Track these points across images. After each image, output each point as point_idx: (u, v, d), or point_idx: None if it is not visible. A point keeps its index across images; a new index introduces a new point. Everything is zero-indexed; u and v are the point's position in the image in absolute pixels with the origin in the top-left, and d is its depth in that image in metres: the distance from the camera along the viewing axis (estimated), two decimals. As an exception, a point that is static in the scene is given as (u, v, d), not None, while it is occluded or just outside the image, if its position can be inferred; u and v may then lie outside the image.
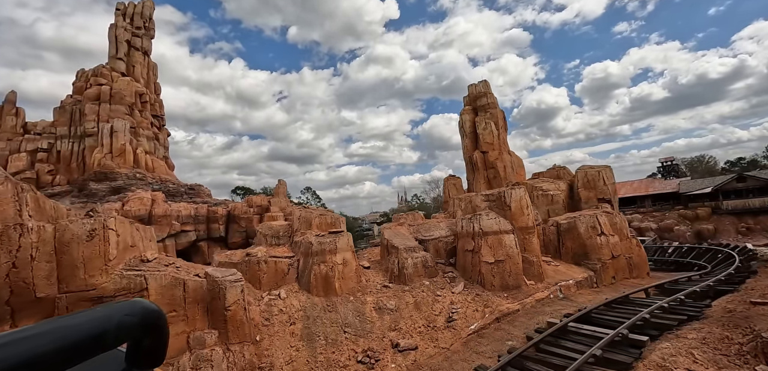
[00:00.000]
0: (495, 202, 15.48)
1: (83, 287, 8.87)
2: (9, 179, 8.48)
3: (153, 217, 28.40)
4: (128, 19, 40.51)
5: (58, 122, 35.04)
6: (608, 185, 19.84)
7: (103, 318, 0.53)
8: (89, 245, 9.01)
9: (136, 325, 0.57)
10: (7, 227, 8.10)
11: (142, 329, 0.58)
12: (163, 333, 0.62)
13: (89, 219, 9.34)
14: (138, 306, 0.62)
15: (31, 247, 8.38)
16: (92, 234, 9.08)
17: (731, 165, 64.88)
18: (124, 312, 0.57)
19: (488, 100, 23.68)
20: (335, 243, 13.07)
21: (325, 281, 12.67)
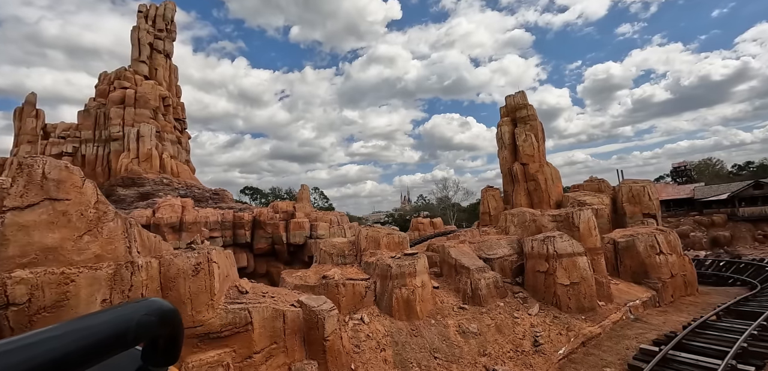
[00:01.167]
0: (563, 222, 15.12)
1: (190, 323, 8.30)
2: (118, 215, 7.90)
3: (184, 224, 27.72)
4: (150, 22, 39.55)
5: (82, 125, 34.09)
6: (653, 200, 19.61)
7: (125, 317, 0.54)
8: (195, 280, 8.43)
9: (155, 324, 0.57)
10: (119, 266, 7.51)
11: (159, 328, 0.58)
12: (179, 331, 0.62)
13: (193, 253, 8.77)
14: (155, 305, 0.61)
15: (142, 285, 7.79)
16: (198, 268, 8.50)
17: (739, 169, 65.24)
18: (142, 311, 0.57)
19: (528, 112, 23.30)
20: (414, 266, 12.60)
21: (407, 304, 12.20)
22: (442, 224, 48.12)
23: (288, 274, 13.71)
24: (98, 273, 7.21)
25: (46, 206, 6.91)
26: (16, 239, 6.56)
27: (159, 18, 40.19)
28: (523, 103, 23.71)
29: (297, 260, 33.30)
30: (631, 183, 20.22)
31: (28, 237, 6.65)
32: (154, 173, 31.99)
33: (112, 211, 7.89)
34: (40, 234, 6.76)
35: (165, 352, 0.61)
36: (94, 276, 7.14)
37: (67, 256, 6.95)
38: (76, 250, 7.07)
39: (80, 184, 7.52)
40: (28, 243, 6.64)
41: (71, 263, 7.00)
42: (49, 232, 6.84)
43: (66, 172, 7.33)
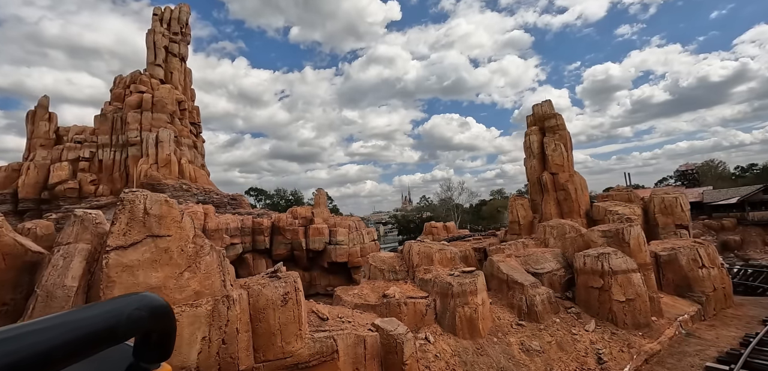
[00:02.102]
0: (612, 238, 14.96)
1: (280, 355, 7.98)
2: (213, 248, 7.56)
3: (207, 231, 27.24)
4: (165, 25, 38.87)
5: (99, 130, 33.42)
6: (685, 212, 19.57)
7: (115, 312, 0.53)
8: (284, 311, 8.11)
9: (146, 319, 0.55)
10: (216, 301, 7.18)
11: (151, 322, 0.56)
12: (171, 327, 0.59)
13: (279, 281, 8.45)
14: (146, 299, 0.58)
15: (237, 319, 7.47)
16: (286, 298, 8.18)
17: (743, 171, 65.70)
18: (133, 305, 0.55)
19: (557, 121, 23.15)
20: (475, 285, 12.36)
21: (470, 323, 11.96)
22: (455, 228, 47.95)
23: (343, 292, 13.40)
24: (198, 310, 6.87)
25: (149, 243, 6.55)
26: (121, 281, 6.20)
27: (174, 21, 39.52)
28: (551, 112, 23.57)
29: (316, 266, 32.98)
30: (663, 194, 20.16)
31: (133, 278, 6.29)
32: (173, 178, 31.45)
33: (207, 244, 7.55)
34: (145, 274, 6.40)
35: (157, 348, 0.58)
36: (195, 314, 6.80)
37: (170, 295, 6.60)
38: (178, 288, 6.72)
39: (179, 218, 7.17)
40: (134, 285, 6.27)
41: (174, 302, 6.65)
42: (152, 271, 6.49)
43: (166, 207, 6.97)
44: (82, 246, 6.35)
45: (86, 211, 6.72)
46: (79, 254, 6.23)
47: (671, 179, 72.30)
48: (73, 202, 29.78)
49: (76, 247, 6.32)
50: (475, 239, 41.08)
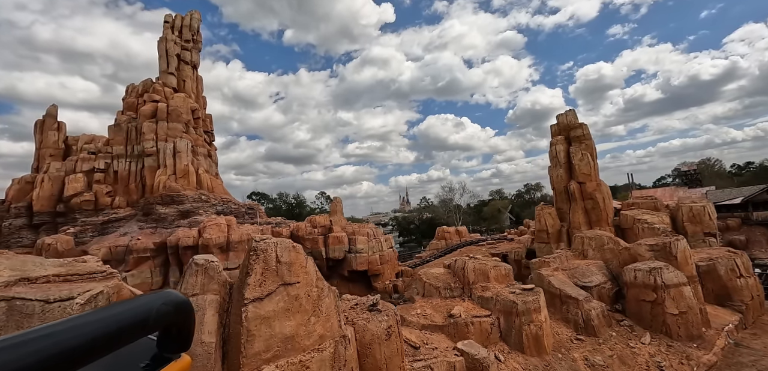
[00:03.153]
0: (660, 251, 15.25)
1: (387, 389, 8.01)
2: (331, 289, 7.54)
3: (230, 243, 27.01)
4: (176, 32, 38.30)
5: (113, 140, 32.81)
6: (713, 220, 20.09)
7: (146, 306, 0.59)
8: (388, 344, 8.13)
9: (171, 313, 0.62)
10: (336, 342, 7.16)
11: (175, 316, 0.62)
12: (192, 320, 0.66)
13: (382, 315, 8.46)
14: (171, 296, 0.66)
15: (351, 358, 7.46)
16: (389, 332, 8.20)
17: (739, 169, 67.27)
18: (160, 301, 0.61)
19: (583, 132, 23.46)
20: (538, 302, 12.51)
21: (536, 340, 12.11)
22: (467, 233, 48.28)
23: (405, 311, 13.43)
24: (324, 354, 6.83)
25: (282, 292, 6.49)
26: (260, 333, 6.13)
27: (185, 29, 38.98)
28: (576, 122, 23.88)
29: (335, 274, 32.90)
30: (691, 203, 20.67)
31: (270, 329, 6.23)
32: (192, 189, 31.08)
33: (326, 286, 7.51)
34: (280, 324, 6.35)
35: (179, 339, 0.64)
36: (321, 359, 6.76)
37: (301, 342, 6.55)
38: (306, 334, 6.68)
39: (305, 263, 7.13)
40: (271, 336, 6.21)
41: (304, 348, 6.60)
42: (286, 320, 6.44)
43: (294, 253, 6.92)
44: (211, 298, 6.27)
45: (207, 259, 6.63)
46: (210, 306, 6.15)
47: (669, 177, 73.91)
48: (89, 214, 29.24)
49: (205, 299, 6.24)
50: (489, 243, 41.39)
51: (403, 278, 33.22)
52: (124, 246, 26.12)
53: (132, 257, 25.44)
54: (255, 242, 6.56)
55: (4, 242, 27.70)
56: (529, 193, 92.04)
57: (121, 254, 25.77)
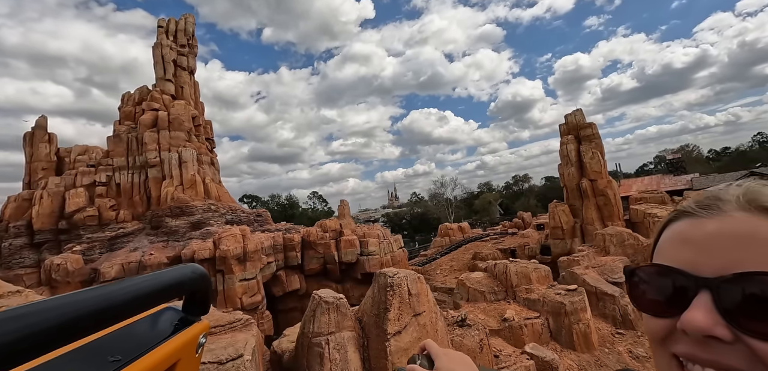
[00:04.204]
0: (685, 246, 16.45)
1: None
2: (436, 305, 7.96)
3: (247, 253, 26.91)
4: (171, 37, 37.40)
5: (113, 152, 31.91)
6: (719, 211, 21.43)
7: (181, 273, 0.71)
8: (482, 357, 8.65)
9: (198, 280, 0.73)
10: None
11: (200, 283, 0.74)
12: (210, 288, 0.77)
13: (472, 328, 8.95)
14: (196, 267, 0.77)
15: None
16: (481, 345, 8.72)
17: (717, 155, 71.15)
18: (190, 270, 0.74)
19: (592, 131, 24.63)
20: (584, 302, 13.33)
21: (585, 337, 12.93)
22: (469, 229, 49.33)
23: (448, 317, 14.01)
24: None
25: (413, 323, 6.88)
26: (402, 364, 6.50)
27: (180, 33, 38.09)
28: (584, 122, 25.03)
29: (348, 278, 33.17)
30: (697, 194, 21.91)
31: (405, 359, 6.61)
32: (200, 199, 30.67)
33: (438, 309, 7.91)
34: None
35: (200, 304, 0.75)
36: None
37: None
38: (429, 352, 7.09)
39: (427, 292, 7.51)
40: (407, 364, 6.59)
41: None
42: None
43: (420, 284, 7.30)
44: (348, 335, 6.60)
45: (335, 296, 6.92)
46: (350, 343, 6.47)
47: (651, 164, 77.49)
48: (94, 230, 28.48)
49: (343, 336, 6.55)
50: (492, 238, 42.52)
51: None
52: (136, 262, 25.65)
53: (146, 273, 24.96)
54: (389, 277, 6.89)
55: (5, 264, 26.71)
56: (517, 185, 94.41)
57: (133, 270, 25.31)
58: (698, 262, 0.44)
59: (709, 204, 0.49)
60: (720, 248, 0.43)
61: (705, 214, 0.48)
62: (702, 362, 0.41)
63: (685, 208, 0.52)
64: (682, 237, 0.49)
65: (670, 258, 0.48)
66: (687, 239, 0.48)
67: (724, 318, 0.40)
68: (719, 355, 0.40)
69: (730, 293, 0.40)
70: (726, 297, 0.40)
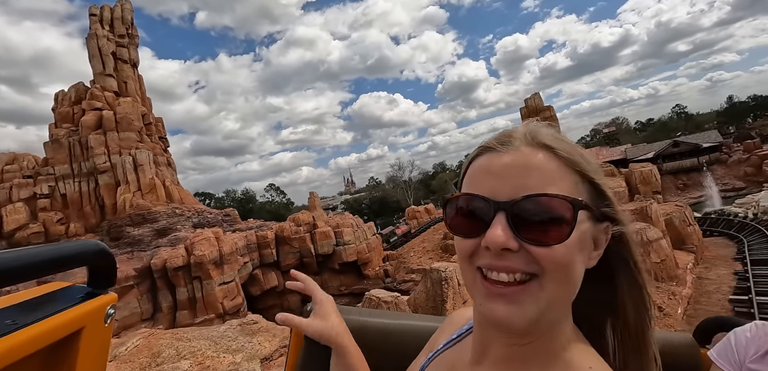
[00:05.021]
0: (639, 213, 19.19)
1: None
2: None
3: (223, 256, 26.51)
4: (107, 27, 34.34)
5: (53, 159, 29.14)
6: (658, 180, 25.21)
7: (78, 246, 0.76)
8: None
9: (99, 253, 0.77)
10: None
11: (101, 257, 0.78)
12: (111, 260, 0.80)
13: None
14: (97, 242, 0.82)
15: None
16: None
17: (643, 126, 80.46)
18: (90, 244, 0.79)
19: (550, 113, 27.41)
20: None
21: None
22: (434, 210, 51.54)
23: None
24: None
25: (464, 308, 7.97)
26: None
27: (117, 21, 35.02)
28: (543, 106, 27.68)
29: (325, 269, 33.76)
30: (641, 167, 25.64)
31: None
32: (163, 204, 29.28)
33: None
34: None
35: (105, 278, 0.79)
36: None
37: None
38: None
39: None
40: None
41: None
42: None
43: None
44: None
45: (394, 296, 7.87)
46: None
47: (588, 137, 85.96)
48: (40, 248, 26.18)
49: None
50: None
51: (390, 261, 35.28)
52: (100, 278, 24.17)
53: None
54: (442, 272, 7.91)
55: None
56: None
57: (98, 287, 23.88)
58: (496, 189, 0.55)
59: (505, 141, 0.59)
60: (512, 176, 0.55)
61: (502, 149, 0.58)
62: (498, 268, 0.54)
63: (487, 144, 0.61)
64: (484, 169, 0.58)
65: (475, 187, 0.57)
66: (488, 170, 0.58)
67: (514, 232, 0.52)
68: (510, 261, 0.53)
69: (517, 212, 0.53)
70: (515, 215, 0.53)
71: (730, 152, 49.25)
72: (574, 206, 0.52)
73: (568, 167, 0.56)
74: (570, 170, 0.56)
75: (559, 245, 0.52)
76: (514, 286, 0.53)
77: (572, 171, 0.56)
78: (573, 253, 0.53)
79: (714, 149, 48.60)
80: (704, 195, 42.29)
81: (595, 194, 0.58)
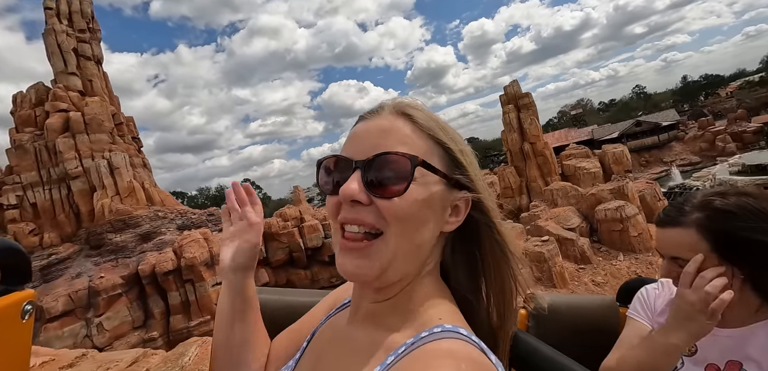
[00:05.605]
0: (617, 192, 21.08)
1: None
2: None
3: (214, 257, 26.48)
4: (65, 21, 32.58)
5: (19, 167, 27.67)
6: (629, 160, 27.55)
7: None
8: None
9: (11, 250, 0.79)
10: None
11: (13, 254, 0.78)
12: (24, 257, 0.82)
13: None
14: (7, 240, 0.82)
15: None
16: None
17: (606, 107, 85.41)
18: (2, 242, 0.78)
19: (529, 100, 29.01)
20: (556, 249, 17.03)
21: (561, 277, 16.68)
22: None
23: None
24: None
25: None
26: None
27: (76, 15, 33.21)
28: (522, 93, 29.36)
29: (315, 262, 34.30)
30: (613, 149, 27.93)
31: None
32: (144, 208, 28.69)
33: None
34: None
35: (19, 274, 0.80)
36: None
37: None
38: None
39: None
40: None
41: None
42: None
43: None
44: None
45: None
46: None
47: (555, 119, 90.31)
48: (12, 262, 25.11)
49: None
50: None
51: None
52: (85, 289, 23.69)
53: (101, 299, 23.37)
54: None
55: None
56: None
57: (84, 299, 23.40)
58: (358, 150, 0.62)
59: (376, 110, 0.68)
60: (371, 138, 0.63)
61: (370, 117, 0.67)
62: (351, 221, 0.61)
63: (362, 114, 0.70)
64: (353, 134, 0.67)
65: (345, 150, 0.65)
66: (356, 135, 0.66)
67: (366, 188, 0.59)
68: (361, 214, 0.60)
69: (370, 169, 0.59)
70: (368, 172, 0.59)
71: (686, 129, 53.79)
72: (412, 162, 0.58)
73: (423, 133, 0.63)
74: (425, 136, 0.63)
75: (398, 198, 0.58)
76: (364, 241, 0.61)
77: (427, 137, 0.63)
78: (415, 209, 0.59)
79: (672, 127, 52.87)
80: (665, 171, 46.25)
81: (450, 161, 0.65)
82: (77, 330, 22.80)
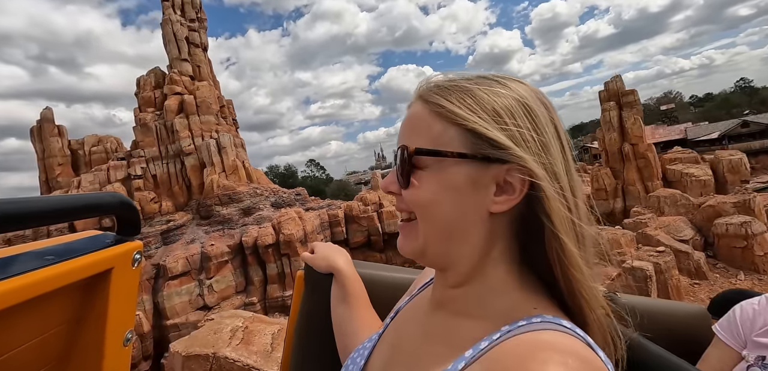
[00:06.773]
0: (741, 206, 19.64)
1: None
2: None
3: (307, 235, 28.50)
4: (179, 12, 36.06)
5: (143, 142, 31.62)
6: (747, 169, 25.20)
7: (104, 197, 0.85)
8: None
9: (125, 204, 0.86)
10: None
11: (126, 208, 0.86)
12: (135, 211, 0.89)
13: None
14: (120, 194, 0.90)
15: None
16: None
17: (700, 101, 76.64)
18: (116, 197, 0.87)
19: (634, 97, 27.40)
20: (672, 260, 16.36)
21: (677, 290, 16.07)
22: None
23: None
24: None
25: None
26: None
27: (187, 6, 36.74)
28: (625, 89, 27.71)
29: (390, 247, 35.50)
30: (729, 155, 25.64)
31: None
32: (244, 185, 31.47)
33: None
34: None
35: (130, 225, 0.87)
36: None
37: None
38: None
39: None
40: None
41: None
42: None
43: None
44: None
45: None
46: None
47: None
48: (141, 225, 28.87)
49: None
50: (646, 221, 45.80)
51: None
52: (198, 253, 26.66)
53: (211, 264, 26.21)
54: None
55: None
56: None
57: (198, 262, 26.39)
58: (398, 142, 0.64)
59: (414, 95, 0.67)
60: (402, 130, 0.64)
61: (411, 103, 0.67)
62: (396, 207, 0.65)
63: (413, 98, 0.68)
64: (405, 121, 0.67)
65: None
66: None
67: (397, 177, 0.61)
68: (399, 202, 0.63)
69: (399, 159, 0.61)
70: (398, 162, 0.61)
71: (807, 133, 47.29)
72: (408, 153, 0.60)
73: (435, 115, 0.60)
74: (437, 118, 0.60)
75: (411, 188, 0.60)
76: (405, 223, 0.65)
77: (439, 119, 0.60)
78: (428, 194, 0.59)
79: (788, 130, 46.82)
80: (775, 180, 41.28)
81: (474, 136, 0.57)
82: (192, 289, 25.97)
